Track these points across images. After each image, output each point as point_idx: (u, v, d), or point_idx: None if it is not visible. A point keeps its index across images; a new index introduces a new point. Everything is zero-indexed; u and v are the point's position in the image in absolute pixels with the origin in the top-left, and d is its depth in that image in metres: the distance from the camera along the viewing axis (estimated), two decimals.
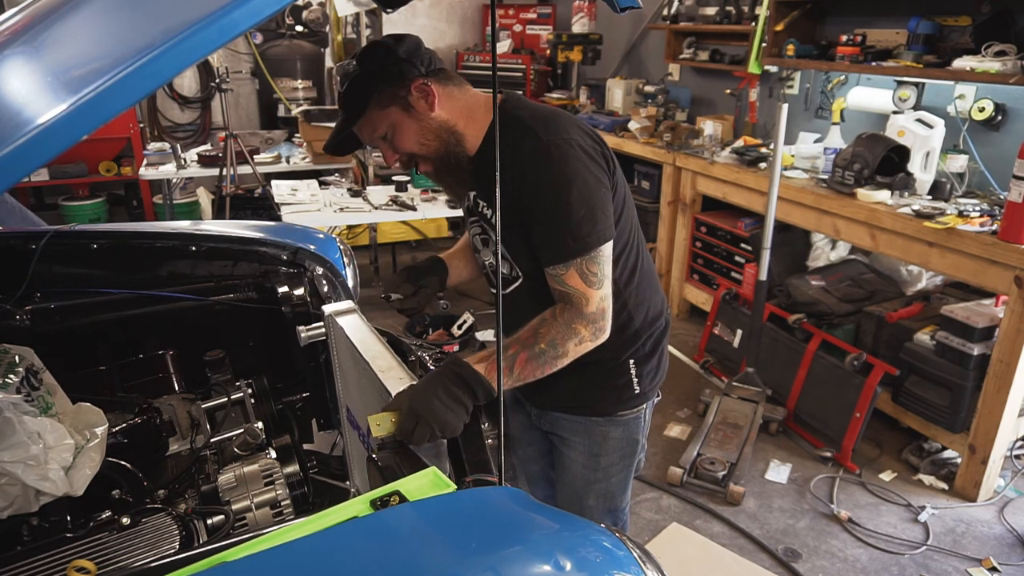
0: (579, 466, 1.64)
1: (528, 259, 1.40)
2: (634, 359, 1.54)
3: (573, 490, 1.67)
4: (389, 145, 1.39)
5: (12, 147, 0.68)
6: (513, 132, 1.33)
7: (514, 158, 1.31)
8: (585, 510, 1.66)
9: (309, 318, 1.69)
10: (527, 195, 1.31)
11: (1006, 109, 3.05)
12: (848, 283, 3.41)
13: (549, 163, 1.30)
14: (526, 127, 1.33)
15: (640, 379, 1.56)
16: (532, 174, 1.30)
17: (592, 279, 1.32)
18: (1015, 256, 2.50)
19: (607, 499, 1.67)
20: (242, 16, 0.72)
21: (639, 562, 0.89)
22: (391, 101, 1.34)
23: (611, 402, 1.57)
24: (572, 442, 1.63)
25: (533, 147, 1.31)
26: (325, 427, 1.84)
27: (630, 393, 1.56)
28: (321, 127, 4.70)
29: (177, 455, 1.51)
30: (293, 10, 5.92)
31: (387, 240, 5.27)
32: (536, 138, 1.31)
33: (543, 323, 1.33)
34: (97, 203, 5.68)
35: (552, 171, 1.29)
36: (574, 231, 1.30)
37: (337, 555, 0.82)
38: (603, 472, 1.63)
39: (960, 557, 2.51)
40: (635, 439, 1.62)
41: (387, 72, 1.32)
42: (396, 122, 1.35)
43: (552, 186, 1.29)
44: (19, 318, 1.57)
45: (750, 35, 4.01)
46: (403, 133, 1.36)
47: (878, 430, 3.18)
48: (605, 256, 1.33)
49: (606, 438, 1.59)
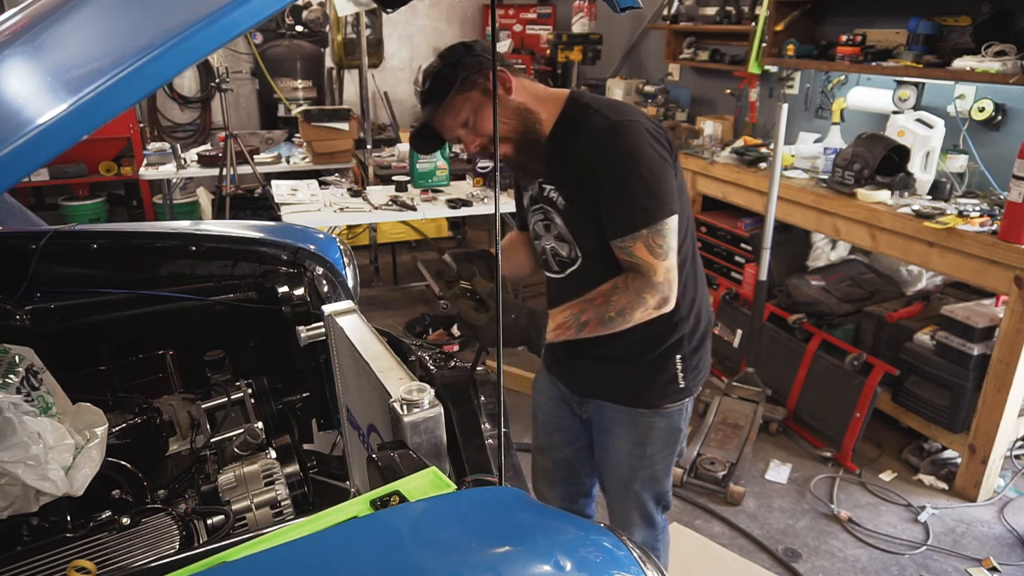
0: (624, 454, 1.71)
1: (593, 236, 1.49)
2: (680, 354, 1.62)
3: (619, 476, 1.75)
4: (471, 130, 1.47)
5: (12, 147, 0.68)
6: (583, 115, 1.46)
7: (584, 138, 1.44)
8: (631, 494, 1.76)
9: (309, 318, 1.69)
10: (597, 171, 1.42)
11: (1006, 109, 3.05)
12: (848, 283, 3.41)
13: (618, 140, 1.40)
14: (595, 110, 1.46)
15: (685, 374, 1.64)
16: (602, 150, 1.41)
17: (658, 251, 1.41)
18: (1015, 256, 2.51)
19: (652, 484, 1.75)
20: (242, 16, 0.72)
21: (639, 562, 0.89)
22: (472, 87, 1.44)
23: (657, 395, 1.64)
24: (616, 432, 1.70)
25: (603, 126, 1.42)
26: (325, 427, 1.84)
27: (675, 387, 1.64)
28: (321, 127, 4.69)
29: (177, 455, 1.51)
30: (293, 10, 5.92)
31: (387, 240, 5.27)
32: (605, 118, 1.43)
33: (615, 290, 1.43)
34: (97, 203, 5.68)
35: (621, 147, 1.40)
36: (641, 203, 1.40)
37: (337, 555, 0.82)
38: (648, 460, 1.70)
39: (960, 557, 2.51)
40: (678, 428, 1.70)
41: (467, 63, 1.44)
42: (478, 105, 1.45)
43: (621, 161, 1.40)
44: (19, 318, 1.57)
45: (750, 35, 4.01)
46: (485, 115, 1.45)
47: (878, 430, 3.18)
48: (670, 228, 1.42)
49: (651, 428, 1.67)
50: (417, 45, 6.79)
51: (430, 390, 1.10)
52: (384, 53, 6.42)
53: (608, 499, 1.86)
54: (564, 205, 1.52)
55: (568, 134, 1.48)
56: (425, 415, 1.08)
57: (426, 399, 1.09)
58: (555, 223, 1.56)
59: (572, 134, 1.47)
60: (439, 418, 1.10)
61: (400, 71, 6.77)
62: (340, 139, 4.76)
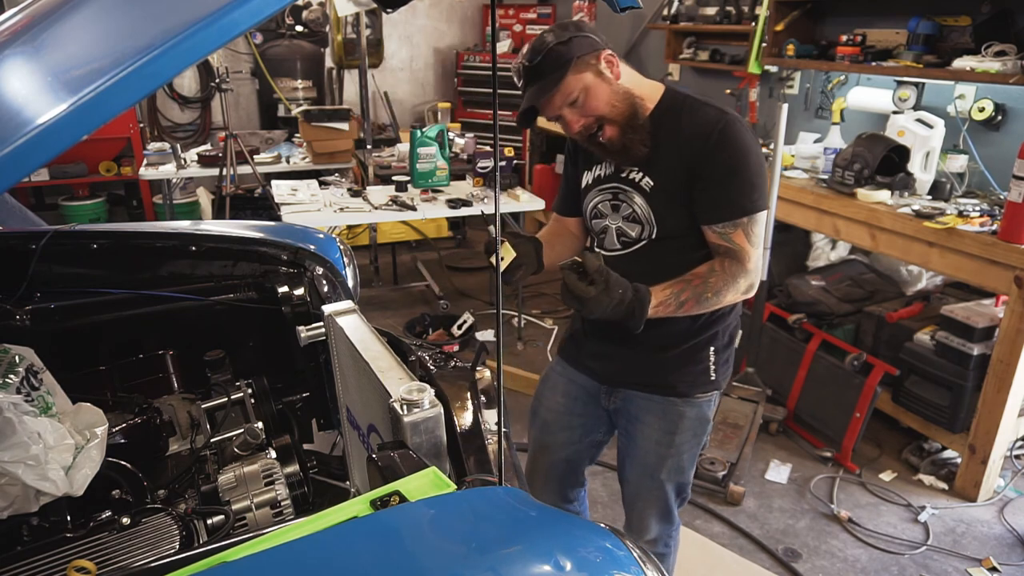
0: (652, 443, 1.74)
1: (675, 219, 1.56)
2: (714, 347, 1.67)
3: (645, 465, 1.77)
4: (578, 110, 1.50)
5: (12, 147, 0.68)
6: (687, 105, 1.53)
7: (692, 125, 1.50)
8: (655, 484, 1.77)
9: (309, 318, 1.69)
10: (707, 158, 1.48)
11: (1006, 109, 3.05)
12: (848, 283, 3.41)
13: (734, 132, 1.48)
14: (702, 103, 1.53)
15: (717, 367, 1.69)
16: (716, 138, 1.47)
17: (753, 239, 1.51)
18: (1015, 256, 2.50)
19: (678, 473, 1.77)
20: (242, 16, 0.72)
21: (639, 562, 0.89)
22: (585, 68, 1.48)
23: (689, 384, 1.69)
24: (646, 420, 1.73)
25: (717, 117, 1.49)
26: (325, 427, 1.84)
27: (706, 378, 1.69)
28: (321, 127, 4.70)
29: (177, 455, 1.51)
30: (293, 10, 5.92)
31: (387, 240, 5.27)
32: (718, 110, 1.51)
33: (712, 273, 1.50)
34: (97, 203, 5.68)
35: (737, 138, 1.48)
36: (747, 193, 1.49)
37: (337, 555, 0.82)
38: (676, 449, 1.73)
39: (960, 557, 2.51)
40: (707, 418, 1.74)
41: (581, 43, 1.47)
42: (590, 86, 1.49)
43: (735, 151, 1.47)
44: (19, 318, 1.57)
45: (750, 35, 4.01)
46: (595, 96, 1.49)
47: (878, 430, 3.18)
48: (762, 219, 1.53)
49: (682, 417, 1.70)
50: (417, 45, 6.79)
51: (430, 390, 1.10)
52: (384, 53, 6.42)
53: (627, 491, 1.86)
54: (652, 187, 1.56)
55: (671, 121, 1.53)
56: (425, 415, 1.08)
57: (426, 399, 1.09)
58: (633, 203, 1.60)
59: (676, 121, 1.52)
60: (439, 418, 1.10)
61: (400, 71, 6.77)
62: (340, 139, 4.76)
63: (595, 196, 1.68)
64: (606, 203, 1.66)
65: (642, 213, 1.59)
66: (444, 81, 6.91)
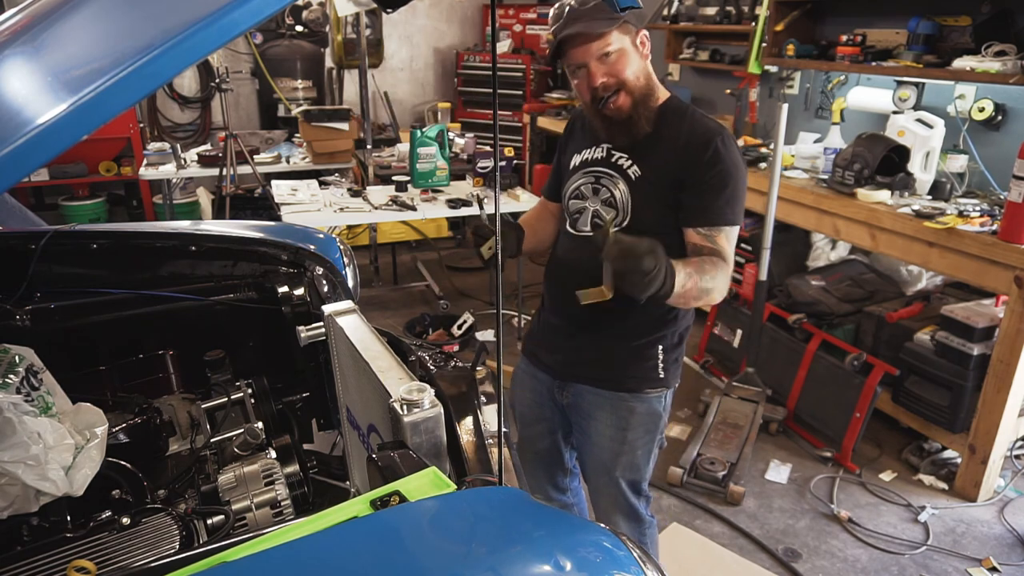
0: (606, 439, 1.78)
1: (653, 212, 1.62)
2: (662, 346, 1.72)
3: (600, 463, 1.82)
4: (606, 66, 1.55)
5: (12, 147, 0.68)
6: (688, 112, 1.63)
7: (694, 133, 1.58)
8: (612, 481, 1.81)
9: (309, 318, 1.69)
10: (703, 163, 1.55)
11: (1006, 109, 3.05)
12: (848, 283, 3.41)
13: (729, 147, 1.57)
14: (703, 115, 1.63)
15: (665, 365, 1.73)
16: (715, 150, 1.55)
17: (732, 247, 1.60)
18: (1015, 256, 2.50)
19: (632, 470, 1.80)
20: (242, 16, 0.72)
21: (639, 562, 0.89)
22: (627, 32, 1.55)
23: (638, 380, 1.73)
24: (597, 416, 1.77)
25: (718, 130, 1.58)
26: (325, 427, 1.84)
27: (655, 375, 1.73)
28: (321, 127, 4.69)
29: (177, 455, 1.51)
30: (293, 10, 5.92)
31: (387, 240, 5.27)
32: (719, 125, 1.61)
33: (708, 261, 1.53)
34: (97, 203, 5.68)
35: (731, 154, 1.57)
36: (733, 205, 1.58)
37: (337, 555, 0.82)
38: (629, 445, 1.77)
39: (960, 557, 2.51)
40: (658, 413, 1.77)
41: (636, 13, 1.56)
42: (625, 49, 1.55)
43: (729, 164, 1.56)
44: (19, 318, 1.57)
45: (750, 35, 4.01)
46: (627, 61, 1.56)
47: (878, 430, 3.18)
48: (735, 236, 1.62)
49: (632, 412, 1.74)
50: (417, 45, 6.78)
51: (430, 390, 1.10)
52: (384, 53, 6.42)
53: (590, 490, 1.92)
54: (638, 176, 1.62)
55: (674, 122, 1.61)
56: (425, 415, 1.08)
57: (426, 399, 1.09)
58: (615, 188, 1.65)
59: (679, 124, 1.61)
60: (439, 418, 1.10)
61: (400, 71, 6.77)
62: (340, 139, 4.76)
63: (579, 178, 1.72)
64: (588, 185, 1.70)
65: (620, 199, 1.65)
66: (444, 81, 6.91)
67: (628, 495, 1.83)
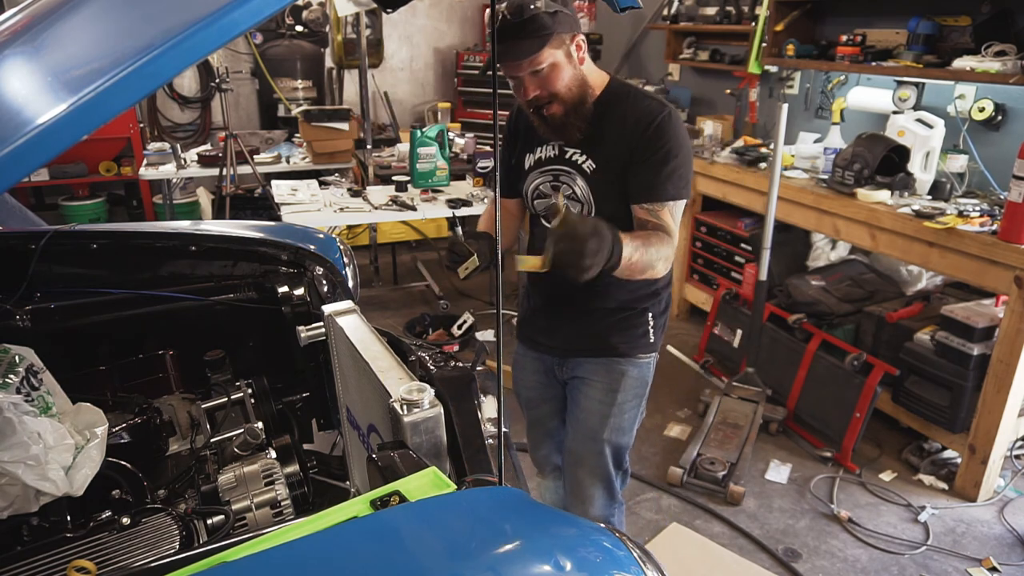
0: (596, 402, 1.86)
1: (612, 201, 1.65)
2: (651, 312, 1.81)
3: (588, 427, 1.88)
4: (539, 81, 1.56)
5: (12, 147, 0.68)
6: (630, 95, 1.64)
7: (635, 113, 1.60)
8: (597, 446, 1.87)
9: (309, 318, 1.69)
10: (645, 144, 1.58)
11: (1006, 109, 3.05)
12: (848, 283, 3.41)
13: (671, 122, 1.59)
14: (645, 94, 1.65)
15: (654, 330, 1.83)
16: (656, 126, 1.58)
17: (676, 221, 1.63)
18: (1015, 256, 2.50)
19: (619, 433, 1.87)
20: (242, 16, 0.72)
21: (639, 562, 0.89)
22: (560, 45, 1.54)
23: (631, 345, 1.82)
24: (592, 381, 1.85)
25: (659, 108, 1.60)
26: (325, 427, 1.84)
27: (646, 340, 1.83)
28: (321, 127, 4.69)
29: (177, 455, 1.51)
30: (293, 10, 5.92)
31: (387, 240, 5.27)
32: (660, 103, 1.62)
33: (654, 235, 1.56)
34: (97, 203, 5.68)
35: (673, 129, 1.59)
36: (675, 181, 1.60)
37: (337, 555, 0.82)
38: (618, 407, 1.85)
39: (960, 557, 2.51)
40: (646, 379, 1.87)
41: (565, 20, 1.53)
42: (558, 63, 1.55)
43: (671, 139, 1.58)
44: (19, 318, 1.57)
45: (750, 35, 4.01)
46: (559, 75, 1.56)
47: (878, 430, 3.18)
48: (681, 208, 1.65)
49: (624, 375, 1.83)
50: (417, 45, 6.78)
51: (430, 390, 1.10)
52: (384, 53, 6.42)
53: (569, 460, 1.95)
54: (593, 169, 1.66)
55: (616, 108, 1.63)
56: (425, 415, 1.08)
57: (426, 399, 1.09)
58: (574, 184, 1.69)
59: (621, 109, 1.62)
60: (439, 418, 1.10)
61: (400, 71, 6.77)
62: (340, 139, 4.76)
63: (536, 178, 1.76)
64: (547, 184, 1.74)
65: (582, 193, 1.69)
66: (444, 81, 6.91)
67: (609, 465, 1.89)
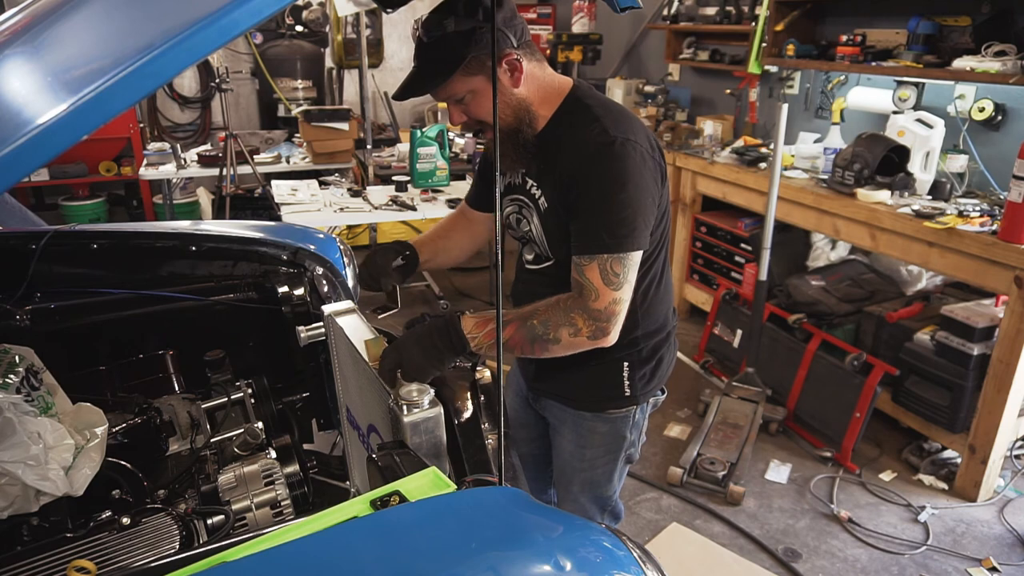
0: (567, 454, 1.70)
1: (563, 246, 1.40)
2: (628, 362, 1.55)
3: (562, 473, 1.76)
4: (463, 109, 1.36)
5: (12, 147, 0.68)
6: (581, 119, 1.35)
7: (577, 145, 1.33)
8: (571, 493, 1.74)
9: (309, 318, 1.69)
10: (581, 183, 1.31)
11: (1006, 109, 3.05)
12: (848, 283, 3.41)
13: (610, 157, 1.29)
14: (595, 117, 1.34)
15: (632, 382, 1.57)
16: (590, 165, 1.30)
17: (612, 279, 1.31)
18: (1015, 256, 2.50)
19: (591, 487, 1.71)
20: (242, 16, 0.72)
21: (639, 562, 0.89)
22: (479, 70, 1.29)
23: (600, 399, 1.60)
24: (561, 430, 1.70)
25: (599, 141, 1.30)
26: (325, 427, 1.84)
27: (620, 393, 1.57)
28: (321, 127, 4.70)
29: (177, 455, 1.51)
30: (293, 10, 5.92)
31: (387, 240, 5.27)
32: (604, 131, 1.31)
33: (548, 305, 1.34)
34: (97, 203, 5.68)
35: (611, 165, 1.29)
36: (611, 228, 1.29)
37: (337, 555, 0.82)
38: (588, 463, 1.67)
39: (960, 557, 2.51)
40: (622, 435, 1.63)
41: (482, 38, 1.25)
42: (478, 90, 1.32)
43: (607, 179, 1.29)
44: (19, 318, 1.57)
45: (750, 35, 4.01)
46: (480, 102, 1.33)
47: (878, 430, 3.18)
48: (632, 262, 1.32)
49: (592, 432, 1.63)
50: None
51: (430, 390, 1.10)
52: (384, 53, 6.42)
53: (559, 499, 1.85)
54: (545, 208, 1.43)
55: (559, 137, 1.38)
56: (425, 415, 1.08)
57: (426, 399, 1.09)
58: (531, 222, 1.46)
59: (563, 139, 1.37)
60: (439, 418, 1.10)
61: (400, 71, 6.76)
62: (340, 139, 4.76)
63: (507, 205, 1.54)
64: (513, 215, 1.53)
65: (536, 234, 1.46)
66: None
67: (590, 513, 1.74)
